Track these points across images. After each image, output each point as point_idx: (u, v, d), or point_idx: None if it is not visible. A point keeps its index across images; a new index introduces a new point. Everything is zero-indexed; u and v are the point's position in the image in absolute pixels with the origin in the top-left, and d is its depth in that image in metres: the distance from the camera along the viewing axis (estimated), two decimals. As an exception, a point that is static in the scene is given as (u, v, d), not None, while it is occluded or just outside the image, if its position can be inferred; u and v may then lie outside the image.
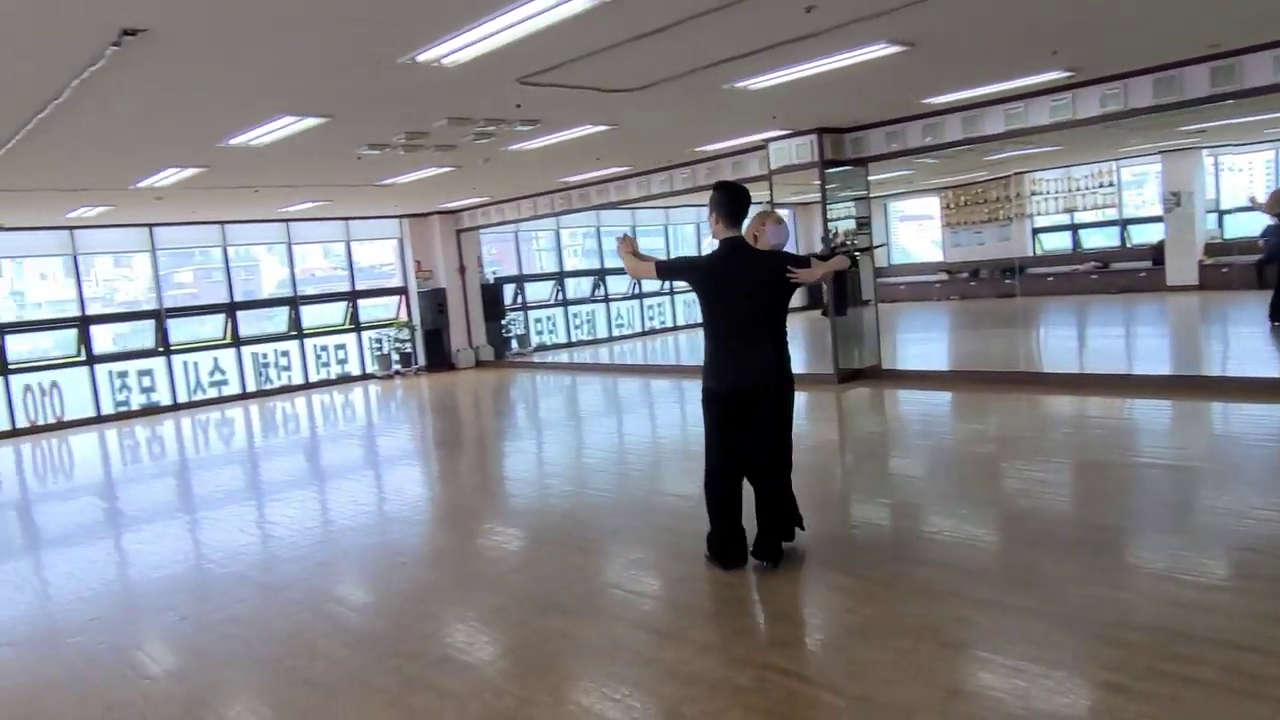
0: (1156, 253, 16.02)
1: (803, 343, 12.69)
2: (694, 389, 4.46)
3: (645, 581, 4.42)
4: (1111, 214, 17.49)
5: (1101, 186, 17.16)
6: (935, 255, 20.31)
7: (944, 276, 19.42)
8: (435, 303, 15.17)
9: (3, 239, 11.57)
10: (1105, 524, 4.64)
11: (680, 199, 12.96)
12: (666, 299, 19.57)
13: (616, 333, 18.60)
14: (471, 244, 15.66)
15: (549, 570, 4.57)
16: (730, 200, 4.08)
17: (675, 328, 19.61)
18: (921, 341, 14.44)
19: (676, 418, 10.10)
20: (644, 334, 18.97)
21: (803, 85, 6.66)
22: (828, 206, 9.89)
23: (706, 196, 4.27)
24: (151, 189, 8.82)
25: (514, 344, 16.49)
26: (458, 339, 15.49)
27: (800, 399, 4.60)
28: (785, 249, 4.38)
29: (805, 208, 18.48)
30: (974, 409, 8.31)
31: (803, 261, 4.15)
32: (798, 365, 4.66)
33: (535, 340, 17.22)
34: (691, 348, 18.48)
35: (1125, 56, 7.00)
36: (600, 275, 18.39)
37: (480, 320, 15.73)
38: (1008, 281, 17.36)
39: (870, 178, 10.30)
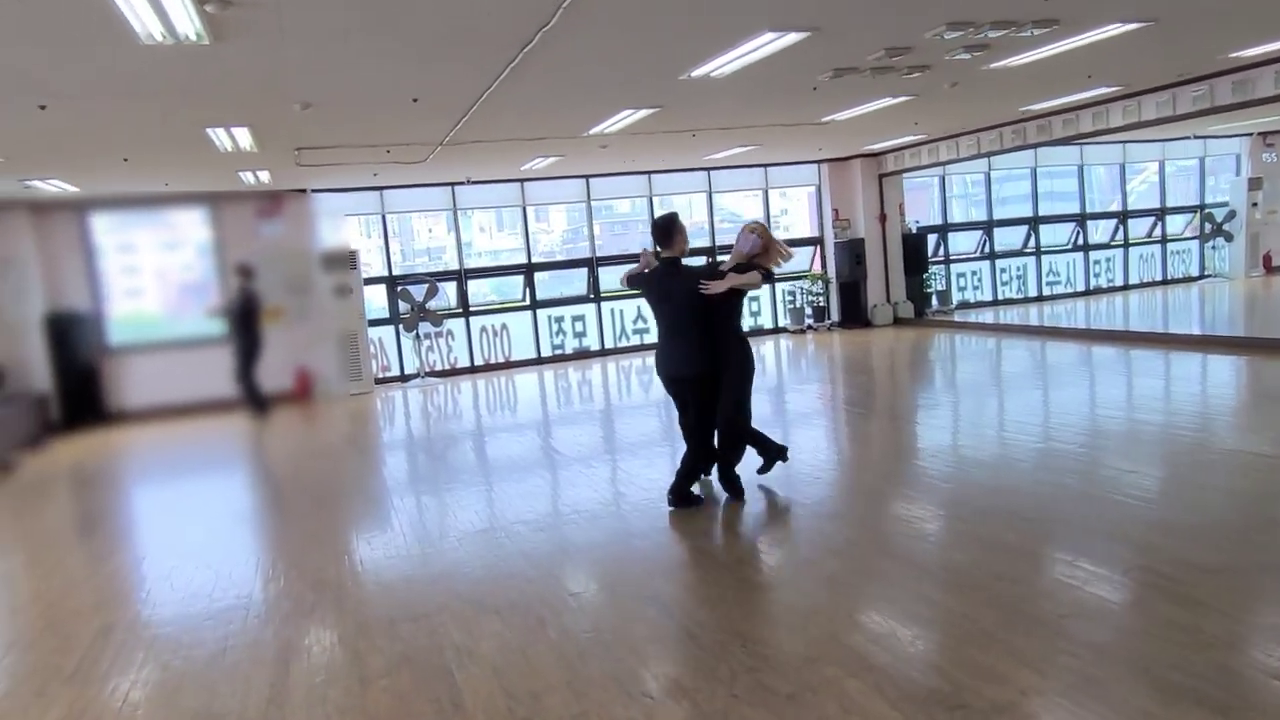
0: None
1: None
2: (1145, 358, 3.25)
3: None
4: None
5: None
6: None
7: None
8: (853, 254, 14.09)
9: (467, 192, 12.65)
10: None
11: (1161, 129, 10.36)
12: (1118, 252, 16.54)
13: (1050, 291, 16.11)
14: (894, 190, 14.29)
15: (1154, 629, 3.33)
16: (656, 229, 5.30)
17: (1125, 286, 16.54)
18: None
19: (1120, 392, 8.51)
20: (1086, 293, 16.22)
21: None
22: None
23: (1212, 121, 2.66)
24: (600, 136, 8.75)
25: (934, 301, 14.92)
26: (875, 294, 14.30)
27: None
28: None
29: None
30: None
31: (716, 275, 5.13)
32: None
33: (956, 297, 15.46)
34: (1142, 310, 15.46)
35: None
36: (1033, 224, 15.99)
37: (900, 274, 14.37)
38: None
39: None
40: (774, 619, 3.60)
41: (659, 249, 5.20)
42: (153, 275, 12.08)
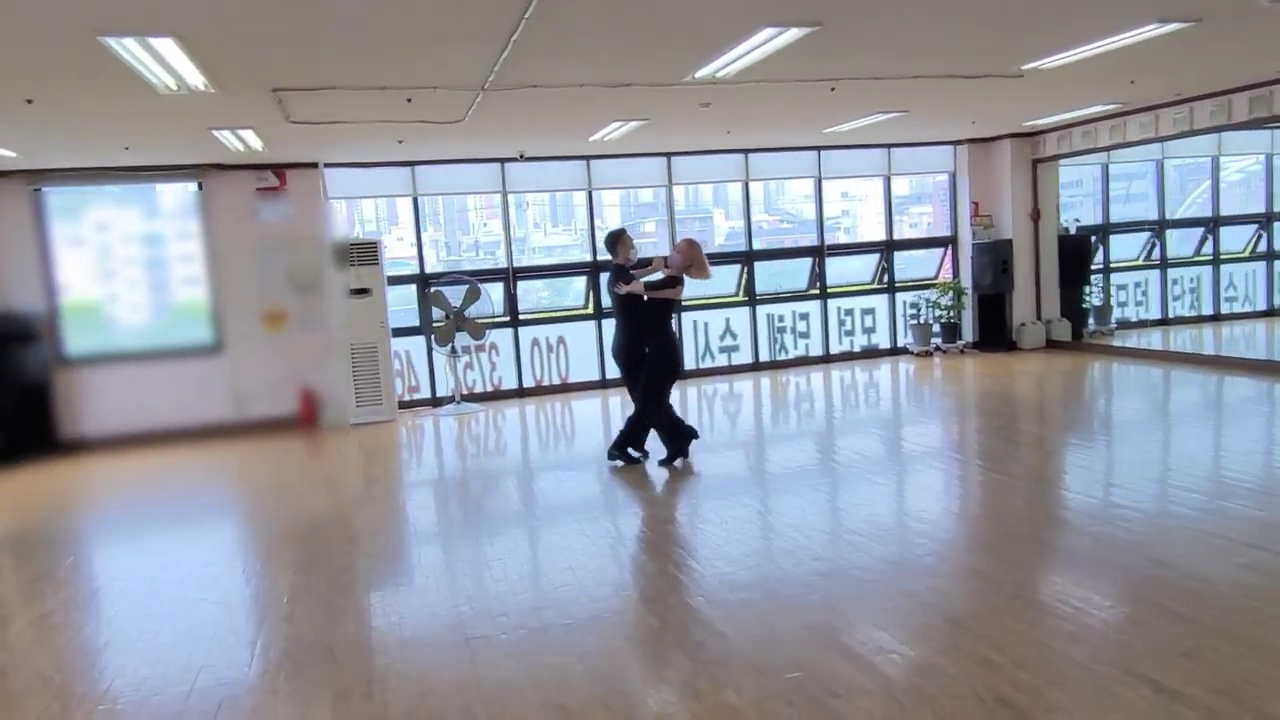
0: None
1: None
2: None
3: None
4: None
5: None
6: None
7: None
8: (996, 259, 11.23)
9: (519, 174, 10.10)
10: None
11: None
12: (1315, 263, 13.37)
13: (1227, 309, 13.03)
14: (1050, 179, 11.40)
15: None
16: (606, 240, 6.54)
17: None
18: None
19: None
20: (1268, 313, 13.09)
21: None
22: None
23: None
24: (709, 83, 6.10)
25: (1090, 319, 12.00)
26: (1022, 309, 11.43)
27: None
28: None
29: None
30: None
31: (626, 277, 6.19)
32: None
33: (1116, 314, 12.50)
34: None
35: None
36: (1212, 226, 12.94)
37: (1054, 285, 11.48)
38: None
39: None
40: None
41: (611, 257, 6.39)
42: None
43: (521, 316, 10.34)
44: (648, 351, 6.22)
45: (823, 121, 8.76)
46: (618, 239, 6.33)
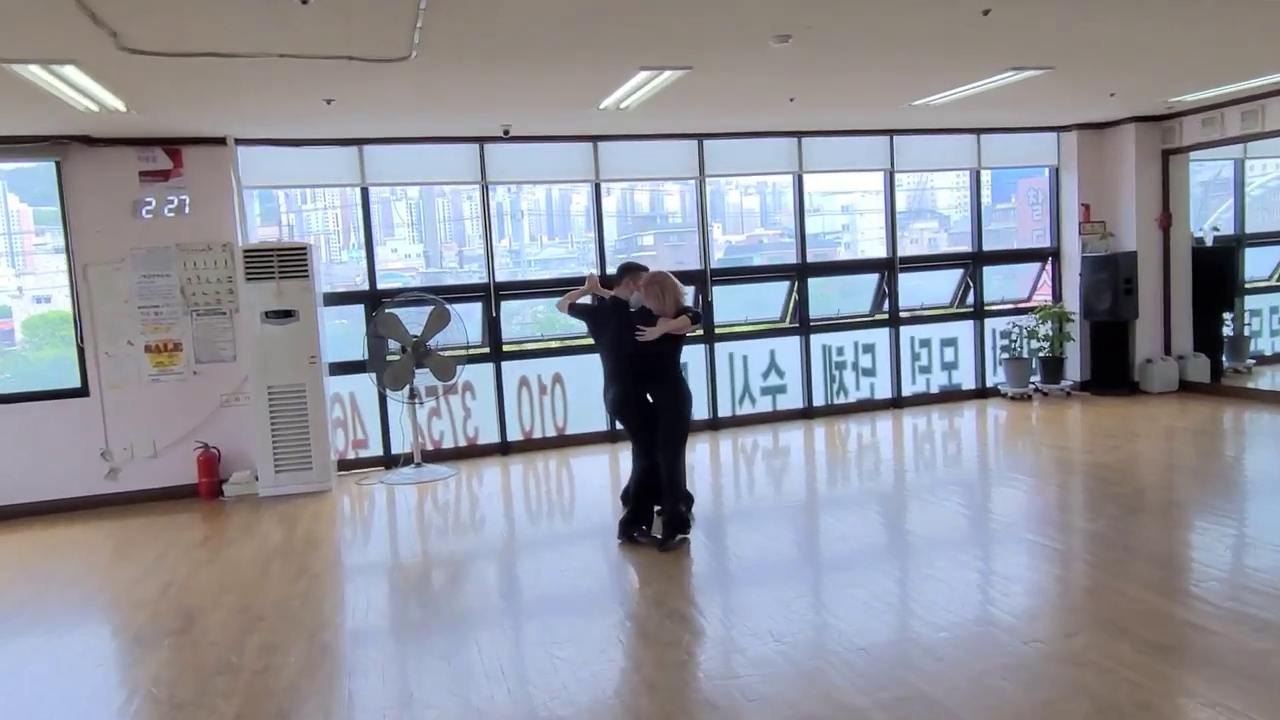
0: None
1: None
2: None
3: None
4: None
5: None
6: None
7: None
8: (1116, 277, 8.74)
9: (502, 158, 7.63)
10: None
11: None
12: None
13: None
14: (1182, 176, 8.94)
15: None
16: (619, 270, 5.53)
17: None
18: None
19: None
20: None
21: None
22: None
23: None
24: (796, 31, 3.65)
25: (1224, 353, 9.53)
26: (1148, 341, 8.93)
27: None
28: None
29: None
30: None
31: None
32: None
33: (1252, 347, 10.03)
34: None
35: None
36: (1359, 239, 10.49)
37: (1187, 311, 9.00)
38: None
39: None
40: None
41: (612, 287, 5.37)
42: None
43: (506, 347, 7.85)
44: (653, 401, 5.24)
45: (924, 84, 6.29)
46: (627, 271, 5.43)
